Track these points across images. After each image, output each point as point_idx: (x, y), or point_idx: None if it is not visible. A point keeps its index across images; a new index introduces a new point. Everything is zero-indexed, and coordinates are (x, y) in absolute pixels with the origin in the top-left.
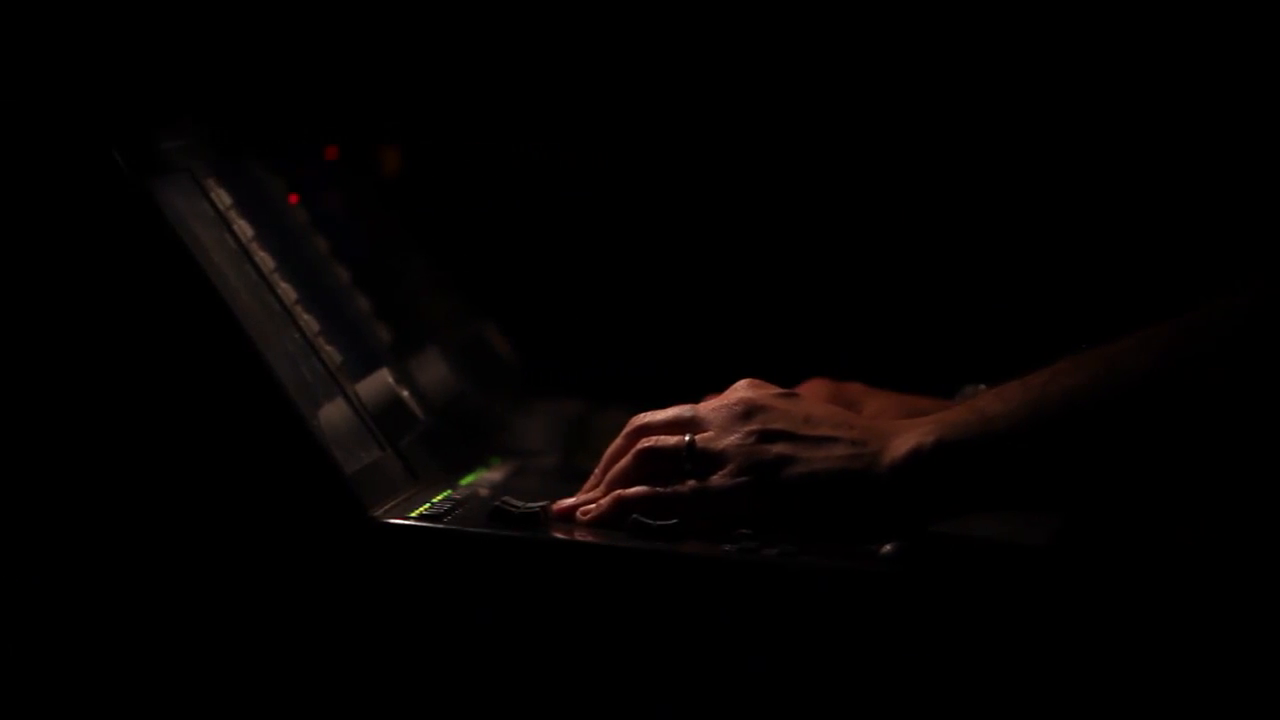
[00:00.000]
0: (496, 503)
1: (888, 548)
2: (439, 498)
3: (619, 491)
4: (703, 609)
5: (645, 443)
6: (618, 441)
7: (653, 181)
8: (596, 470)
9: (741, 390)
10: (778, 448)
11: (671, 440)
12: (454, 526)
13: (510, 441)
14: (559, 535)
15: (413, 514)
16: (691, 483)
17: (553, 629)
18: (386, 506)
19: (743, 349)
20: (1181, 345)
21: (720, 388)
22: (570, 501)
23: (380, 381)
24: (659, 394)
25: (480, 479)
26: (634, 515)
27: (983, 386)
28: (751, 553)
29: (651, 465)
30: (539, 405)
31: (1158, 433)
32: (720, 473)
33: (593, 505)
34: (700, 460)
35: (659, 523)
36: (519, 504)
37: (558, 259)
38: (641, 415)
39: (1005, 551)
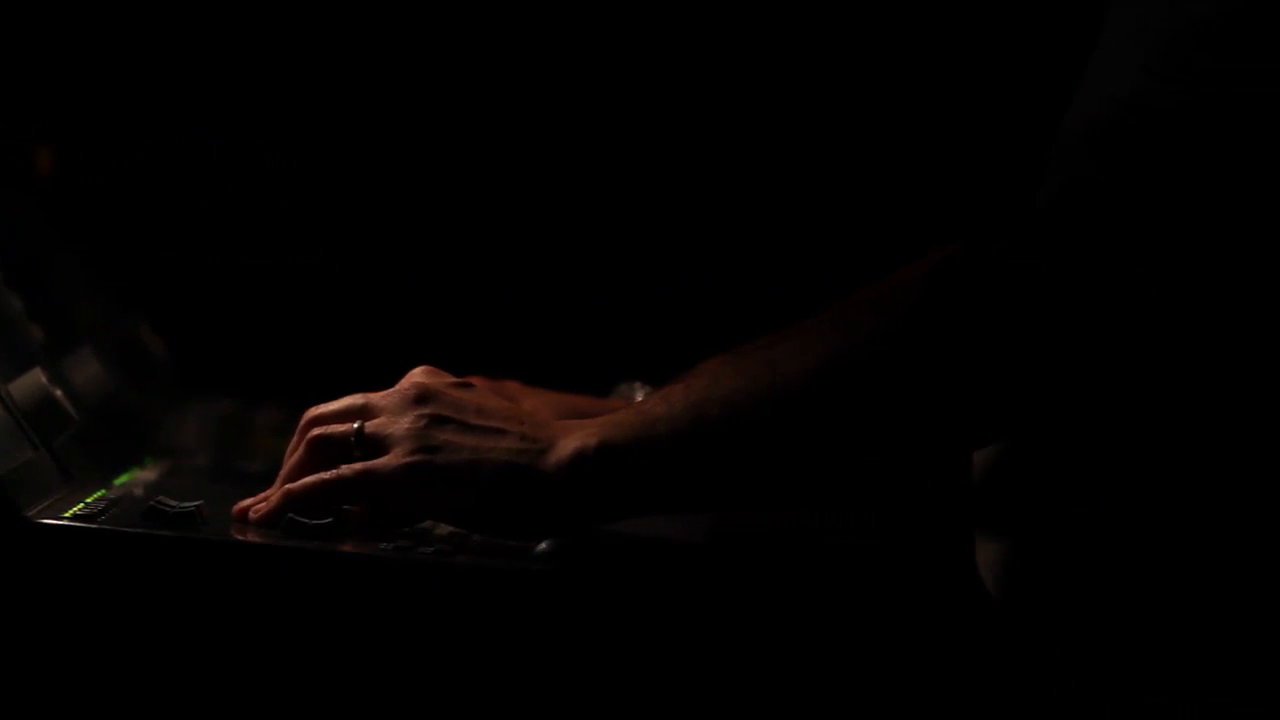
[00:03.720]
0: (151, 502)
1: (542, 546)
2: (93, 498)
3: (287, 486)
4: (357, 607)
5: (315, 432)
6: (294, 437)
7: (307, 178)
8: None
9: (416, 376)
10: (446, 434)
11: (341, 428)
12: (108, 526)
13: (165, 441)
14: (213, 535)
15: (66, 514)
16: (357, 466)
17: (210, 629)
18: (39, 507)
19: (401, 346)
20: (840, 346)
21: (378, 385)
22: (248, 501)
23: (33, 381)
24: (318, 391)
25: (135, 478)
26: (289, 514)
27: (639, 383)
28: (406, 551)
29: (322, 455)
30: (194, 404)
31: (817, 436)
32: (386, 456)
33: (264, 503)
34: (369, 446)
35: (314, 521)
36: (174, 503)
37: (212, 256)
38: (315, 408)
39: (658, 549)
